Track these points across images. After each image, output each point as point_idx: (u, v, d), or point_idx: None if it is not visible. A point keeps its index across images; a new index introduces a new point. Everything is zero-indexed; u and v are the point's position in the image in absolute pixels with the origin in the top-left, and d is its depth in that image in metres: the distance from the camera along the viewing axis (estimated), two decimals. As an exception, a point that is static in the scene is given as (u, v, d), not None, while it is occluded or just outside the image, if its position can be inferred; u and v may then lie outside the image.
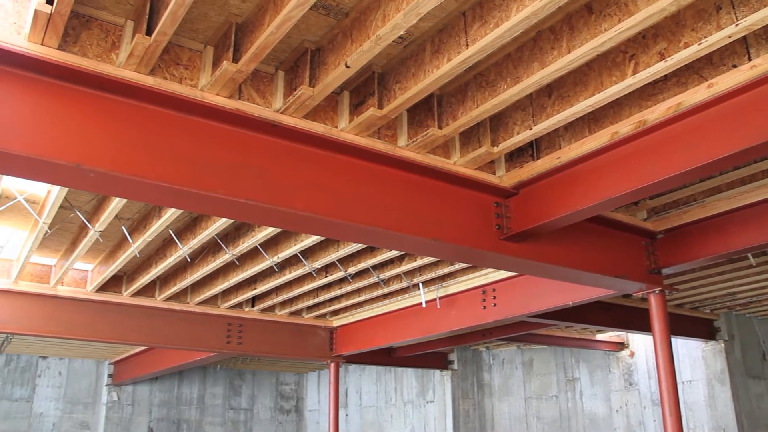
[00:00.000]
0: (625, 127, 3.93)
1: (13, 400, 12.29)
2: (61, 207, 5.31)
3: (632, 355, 10.27)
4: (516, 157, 4.62)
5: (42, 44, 3.16)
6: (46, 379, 12.67)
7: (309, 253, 6.50)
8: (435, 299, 7.59)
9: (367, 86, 3.90)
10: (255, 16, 3.35)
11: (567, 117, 3.83)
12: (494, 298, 7.05)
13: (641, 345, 10.18)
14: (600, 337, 10.41)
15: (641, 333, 8.29)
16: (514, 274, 6.76)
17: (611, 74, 3.54)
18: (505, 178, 4.63)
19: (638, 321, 7.88)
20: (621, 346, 10.44)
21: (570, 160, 4.26)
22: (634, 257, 5.54)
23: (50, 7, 2.95)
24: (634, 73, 3.42)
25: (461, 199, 4.50)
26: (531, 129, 4.02)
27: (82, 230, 6.20)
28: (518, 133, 4.11)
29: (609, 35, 3.12)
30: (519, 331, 8.54)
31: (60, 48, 3.22)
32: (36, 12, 2.95)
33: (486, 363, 12.20)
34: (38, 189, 5.52)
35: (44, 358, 12.73)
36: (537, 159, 4.45)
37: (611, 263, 5.30)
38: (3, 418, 12.07)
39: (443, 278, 7.40)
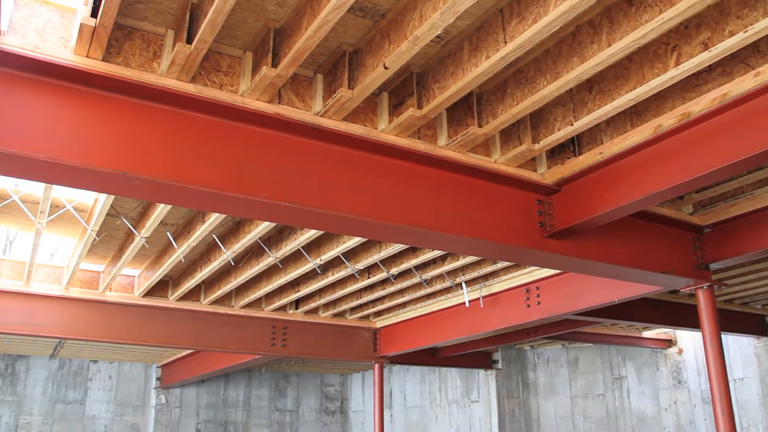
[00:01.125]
0: (668, 119, 3.86)
1: (67, 403, 12.61)
2: (108, 214, 5.42)
3: (680, 352, 10.07)
4: (557, 153, 4.57)
5: (87, 56, 3.24)
6: (97, 382, 12.97)
7: (351, 254, 6.52)
8: (478, 298, 7.56)
9: (405, 87, 3.91)
10: (292, 20, 3.38)
11: (608, 111, 3.78)
12: (538, 296, 6.98)
13: (690, 342, 9.98)
14: (647, 334, 10.23)
15: (690, 330, 8.13)
16: (558, 271, 6.70)
17: (653, 66, 3.48)
18: (546, 175, 4.59)
19: (686, 317, 7.73)
20: (669, 343, 10.25)
21: (613, 155, 4.20)
22: (681, 252, 5.43)
23: (94, 20, 3.02)
24: (677, 64, 3.35)
25: (503, 198, 4.48)
26: (572, 125, 3.97)
27: (129, 237, 6.32)
28: (559, 129, 4.07)
29: (650, 27, 3.06)
30: (564, 330, 8.44)
31: (104, 59, 3.30)
32: (81, 26, 3.03)
33: (531, 362, 12.10)
34: (86, 197, 5.65)
35: (95, 362, 13.02)
36: (579, 155, 4.40)
37: (657, 259, 5.21)
38: (59, 419, 12.42)
39: (486, 277, 7.37)
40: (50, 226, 6.13)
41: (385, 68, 3.43)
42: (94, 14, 3.04)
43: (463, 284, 7.38)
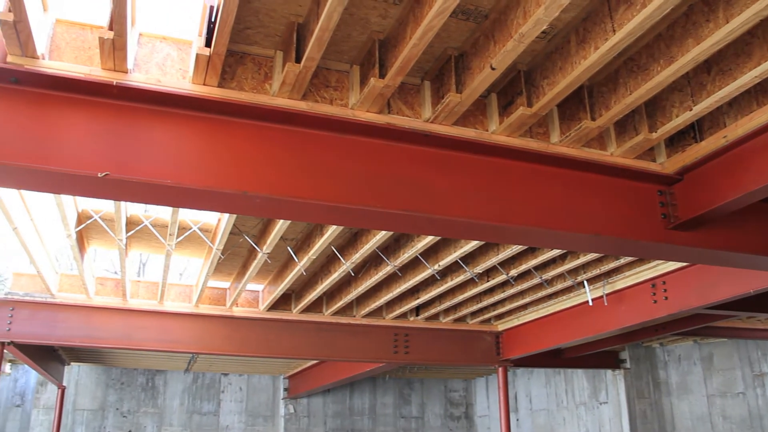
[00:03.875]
0: (799, 95, 3.62)
1: (203, 414, 13.23)
2: (231, 233, 5.65)
3: (828, 343, 9.39)
4: (677, 141, 4.38)
5: (204, 84, 3.40)
6: (229, 394, 13.52)
7: (469, 258, 6.50)
8: (602, 296, 7.34)
9: (513, 86, 3.86)
10: (396, 30, 3.41)
11: (731, 92, 3.58)
12: (665, 291, 6.70)
13: (837, 331, 9.29)
14: (788, 325, 9.60)
15: (837, 318, 7.57)
16: (685, 264, 6.40)
17: (778, 40, 3.28)
18: (667, 164, 4.41)
19: (832, 305, 7.20)
20: (814, 334, 9.58)
21: (738, 138, 3.98)
22: (822, 236, 5.07)
23: (208, 49, 3.18)
24: (806, 35, 3.14)
25: (622, 191, 4.33)
26: (691, 110, 3.80)
27: (252, 253, 6.56)
28: (677, 116, 3.90)
29: (773, -3, 2.88)
30: (695, 325, 8.04)
31: (220, 85, 3.45)
32: (197, 56, 3.20)
33: (661, 360, 11.60)
34: (210, 218, 5.91)
35: (226, 375, 13.58)
36: (701, 141, 4.20)
37: (795, 245, 4.88)
38: (196, 430, 13.10)
39: (609, 274, 7.14)
40: (178, 248, 6.45)
41: (492, 69, 3.40)
42: (208, 44, 3.20)
43: (585, 283, 7.18)
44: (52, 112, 3.19)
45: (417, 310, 8.62)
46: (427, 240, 5.67)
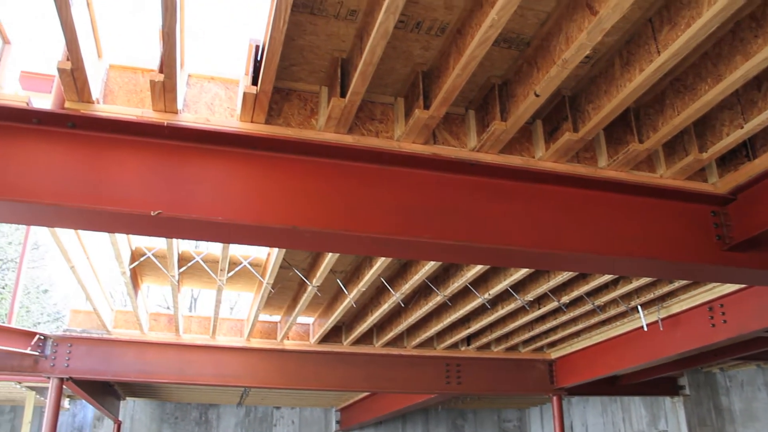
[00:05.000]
0: None
1: (256, 448, 13.29)
2: (281, 267, 5.71)
3: None
4: (729, 160, 4.29)
5: (252, 122, 3.47)
6: (281, 427, 13.53)
7: (520, 286, 6.43)
8: (657, 321, 7.17)
9: (558, 111, 3.84)
10: (439, 61, 3.44)
11: (785, 108, 3.51)
12: (723, 314, 6.51)
13: None
14: None
15: None
16: (743, 286, 6.22)
17: (833, 50, 3.19)
18: (719, 184, 4.31)
19: None
20: None
21: (794, 155, 3.88)
22: None
23: (255, 87, 3.25)
24: None
25: (674, 213, 4.25)
26: (742, 127, 3.72)
27: (301, 287, 6.60)
28: (728, 135, 3.82)
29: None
30: (756, 349, 7.78)
31: (267, 122, 3.52)
32: (244, 94, 3.28)
33: (722, 386, 11.23)
34: (260, 252, 5.98)
35: (278, 408, 13.61)
36: (754, 159, 4.10)
37: None
38: (251, 462, 13.12)
39: (663, 298, 6.98)
40: (229, 282, 6.53)
41: (536, 96, 3.40)
42: (254, 82, 3.28)
43: (639, 308, 7.03)
44: (106, 154, 3.29)
45: (468, 339, 8.54)
46: (477, 269, 5.63)
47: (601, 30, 2.93)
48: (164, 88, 3.21)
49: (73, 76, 3.08)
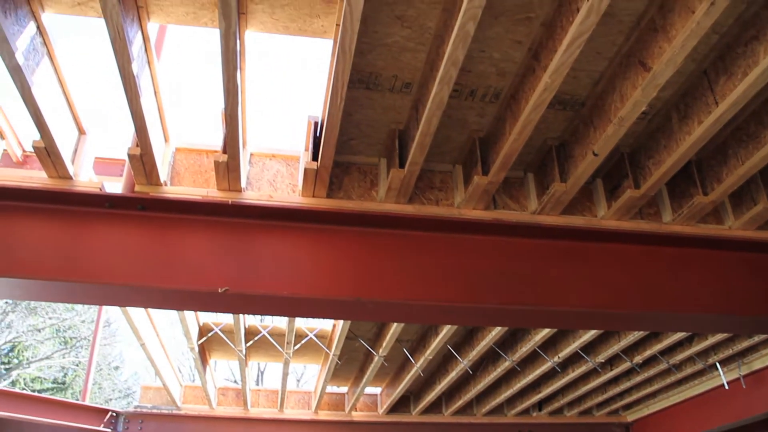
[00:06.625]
0: None
1: None
2: (346, 338, 5.70)
3: None
4: (802, 208, 4.14)
5: (313, 196, 3.53)
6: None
7: (590, 348, 6.26)
8: (738, 378, 6.84)
9: (618, 169, 3.80)
10: (494, 127, 3.46)
11: None
12: (811, 369, 6.18)
13: None
14: None
15: None
16: (831, 339, 5.92)
17: None
18: (794, 234, 4.16)
19: None
20: None
21: None
22: None
23: (316, 163, 3.32)
24: None
25: (747, 265, 4.09)
26: (813, 174, 3.60)
27: (368, 357, 6.56)
28: (798, 182, 3.71)
29: None
30: None
31: (328, 196, 3.58)
32: (305, 170, 3.35)
33: (816, 445, 10.58)
34: (325, 324, 5.99)
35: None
36: (826, 204, 3.95)
37: None
38: None
39: (743, 354, 6.66)
40: (296, 355, 6.54)
41: (595, 155, 3.37)
42: (314, 158, 3.35)
43: (718, 365, 6.73)
44: (174, 234, 3.38)
45: (540, 404, 8.30)
46: (545, 332, 5.52)
47: (655, 86, 2.91)
48: (228, 168, 3.31)
49: (142, 160, 3.20)
